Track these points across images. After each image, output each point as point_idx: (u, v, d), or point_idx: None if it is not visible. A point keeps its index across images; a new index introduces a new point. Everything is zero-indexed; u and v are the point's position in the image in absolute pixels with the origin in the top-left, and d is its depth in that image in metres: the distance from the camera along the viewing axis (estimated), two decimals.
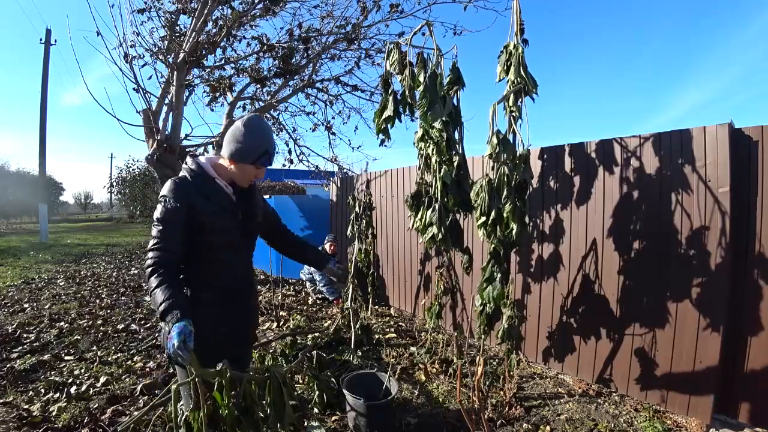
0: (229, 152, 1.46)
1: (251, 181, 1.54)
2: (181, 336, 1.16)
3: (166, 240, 1.36)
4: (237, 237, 1.54)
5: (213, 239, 1.47)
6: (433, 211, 2.35)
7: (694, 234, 2.29)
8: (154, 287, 1.28)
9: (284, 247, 1.90)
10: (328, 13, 4.98)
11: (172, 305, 1.23)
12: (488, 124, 2.24)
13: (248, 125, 1.44)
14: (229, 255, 1.53)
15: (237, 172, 1.49)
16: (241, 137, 1.43)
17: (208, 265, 1.50)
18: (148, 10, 4.16)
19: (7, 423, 2.22)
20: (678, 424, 2.30)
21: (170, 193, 1.39)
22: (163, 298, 1.25)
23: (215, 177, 1.50)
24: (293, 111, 6.28)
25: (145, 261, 1.38)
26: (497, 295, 2.32)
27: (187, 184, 1.44)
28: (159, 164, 3.90)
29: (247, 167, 1.47)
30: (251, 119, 1.47)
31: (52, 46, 13.68)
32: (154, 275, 1.31)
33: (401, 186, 4.48)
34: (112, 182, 23.53)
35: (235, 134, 1.45)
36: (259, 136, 1.44)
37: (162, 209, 1.38)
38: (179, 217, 1.38)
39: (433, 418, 2.38)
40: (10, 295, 5.32)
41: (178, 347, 1.15)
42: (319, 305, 4.98)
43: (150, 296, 1.31)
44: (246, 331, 1.67)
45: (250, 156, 1.44)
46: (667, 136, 2.41)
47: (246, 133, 1.43)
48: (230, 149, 1.46)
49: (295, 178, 10.59)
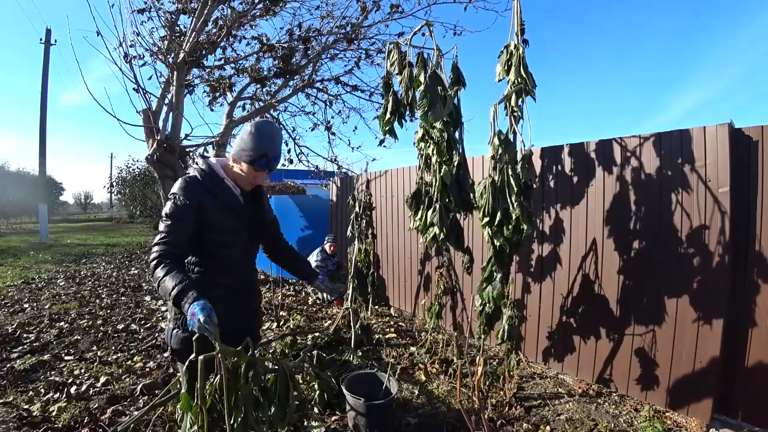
0: (234, 150, 1.51)
1: (251, 183, 1.56)
2: (204, 311, 1.19)
3: (172, 235, 1.38)
4: (244, 238, 1.57)
5: (220, 238, 1.50)
6: (434, 211, 2.35)
7: (694, 234, 2.30)
8: (162, 276, 1.29)
9: (279, 256, 1.91)
10: (328, 13, 4.98)
11: (186, 287, 1.25)
12: (489, 124, 2.24)
13: (256, 127, 1.47)
14: (235, 255, 1.56)
15: (238, 172, 1.52)
16: (246, 137, 1.47)
17: (215, 264, 1.53)
18: (148, 10, 4.16)
19: (7, 423, 2.22)
20: (678, 424, 2.30)
21: (180, 191, 1.43)
22: (174, 283, 1.26)
23: (224, 177, 1.54)
24: (293, 111, 6.29)
25: (149, 255, 1.39)
26: (497, 295, 2.32)
27: (197, 182, 1.47)
28: (159, 164, 3.90)
29: (245, 167, 1.49)
30: (262, 123, 1.50)
31: (52, 46, 13.69)
32: (159, 266, 1.32)
33: (401, 186, 4.48)
34: (112, 182, 23.52)
35: (242, 134, 1.50)
36: (263, 140, 1.46)
37: (171, 206, 1.42)
38: (188, 215, 1.41)
39: (433, 418, 2.38)
40: (10, 295, 5.32)
41: (204, 321, 1.17)
42: (319, 305, 4.98)
43: (158, 287, 1.31)
44: (249, 332, 1.68)
45: (249, 156, 1.46)
46: (667, 136, 2.41)
47: (252, 133, 1.46)
48: (235, 148, 1.51)
49: (295, 178, 10.59)
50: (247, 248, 1.62)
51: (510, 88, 2.25)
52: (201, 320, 1.17)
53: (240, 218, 1.54)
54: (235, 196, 1.55)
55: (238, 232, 1.54)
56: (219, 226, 1.48)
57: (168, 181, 3.82)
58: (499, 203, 2.19)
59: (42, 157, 13.56)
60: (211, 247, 1.50)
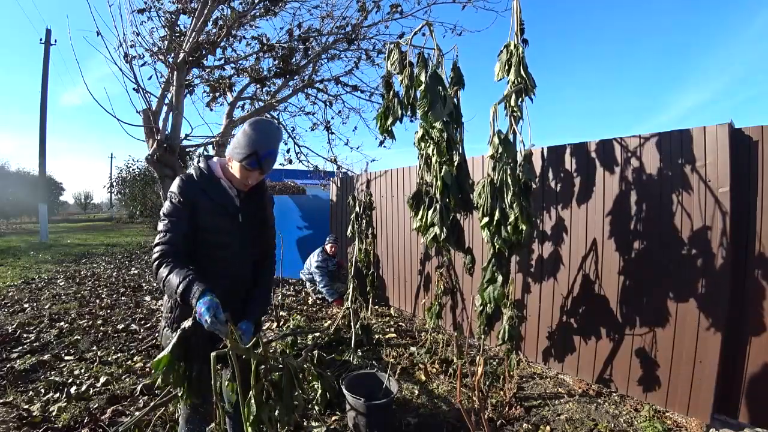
0: (228, 149, 1.50)
1: (245, 184, 1.50)
2: (210, 311, 1.18)
3: (171, 233, 1.39)
4: (236, 239, 1.54)
5: (215, 239, 1.49)
6: (434, 211, 2.36)
7: (695, 234, 2.30)
8: (166, 275, 1.29)
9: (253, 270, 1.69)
10: (328, 13, 4.98)
11: (191, 282, 1.25)
12: (489, 124, 2.25)
13: (251, 125, 1.45)
14: (230, 256, 1.53)
15: (232, 170, 1.49)
16: (240, 135, 1.45)
17: (211, 265, 1.50)
18: (148, 10, 4.15)
19: (7, 423, 2.22)
20: (678, 424, 2.30)
21: (177, 189, 1.43)
22: (179, 280, 1.26)
23: (221, 177, 1.52)
24: (293, 111, 6.28)
25: (151, 256, 1.40)
26: (498, 295, 2.32)
27: (193, 181, 1.46)
28: (159, 164, 3.89)
29: (237, 166, 1.46)
30: (257, 120, 1.47)
31: (52, 46, 13.68)
32: (162, 265, 1.32)
33: (401, 186, 4.48)
34: (111, 182, 23.53)
35: (238, 132, 1.48)
36: (254, 137, 1.41)
37: (168, 204, 1.43)
38: (184, 213, 1.41)
39: (433, 418, 2.38)
40: (10, 295, 5.32)
41: (212, 322, 1.17)
42: (319, 305, 4.98)
43: (164, 286, 1.31)
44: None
45: (240, 154, 1.42)
46: (668, 136, 2.41)
47: (245, 131, 1.44)
48: (230, 146, 1.50)
49: (295, 178, 10.59)
50: (241, 250, 1.57)
51: (510, 88, 2.26)
52: (208, 321, 1.17)
53: (234, 220, 1.52)
54: (231, 198, 1.52)
55: (234, 233, 1.52)
56: (213, 227, 1.47)
57: (168, 181, 3.82)
58: (498, 203, 2.19)
59: (42, 157, 13.55)
60: (206, 248, 1.48)
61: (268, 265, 1.72)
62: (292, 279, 6.08)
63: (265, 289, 1.70)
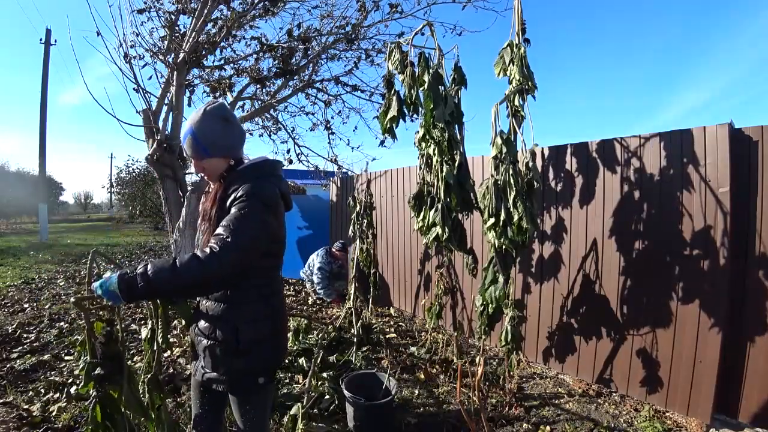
0: None
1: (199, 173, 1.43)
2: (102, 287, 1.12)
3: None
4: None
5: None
6: (437, 211, 2.35)
7: (695, 234, 2.30)
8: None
9: None
10: (327, 13, 4.97)
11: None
12: (491, 124, 2.24)
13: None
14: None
15: None
16: None
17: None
18: (148, 10, 4.15)
19: (7, 423, 2.22)
20: (678, 424, 2.30)
21: None
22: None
23: None
24: (293, 111, 6.28)
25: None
26: (500, 296, 2.32)
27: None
28: (159, 164, 3.89)
29: None
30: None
31: (52, 46, 13.69)
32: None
33: (401, 186, 4.48)
34: (111, 182, 23.52)
35: None
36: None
37: None
38: None
39: (433, 418, 2.38)
40: (10, 295, 5.31)
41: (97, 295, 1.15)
42: (319, 305, 4.98)
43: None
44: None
45: None
46: (668, 136, 2.41)
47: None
48: None
49: (295, 178, 10.58)
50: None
51: (511, 88, 2.26)
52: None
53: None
54: (207, 194, 1.45)
55: (200, 237, 1.41)
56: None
57: (168, 180, 3.82)
58: (503, 203, 2.19)
59: (42, 157, 13.55)
60: None
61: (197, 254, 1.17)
62: (292, 279, 6.08)
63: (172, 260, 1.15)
